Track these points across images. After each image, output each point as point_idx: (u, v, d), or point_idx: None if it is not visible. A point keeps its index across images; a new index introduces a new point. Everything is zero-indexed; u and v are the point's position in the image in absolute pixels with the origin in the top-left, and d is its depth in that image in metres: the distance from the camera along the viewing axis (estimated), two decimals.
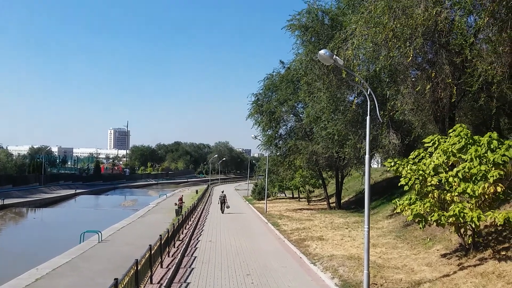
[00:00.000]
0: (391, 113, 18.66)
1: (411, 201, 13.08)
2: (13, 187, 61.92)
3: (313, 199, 45.59)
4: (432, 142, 13.47)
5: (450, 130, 13.11)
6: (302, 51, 25.20)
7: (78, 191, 72.39)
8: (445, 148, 12.65)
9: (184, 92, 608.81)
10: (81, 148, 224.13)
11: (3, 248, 27.82)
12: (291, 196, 55.97)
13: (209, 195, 60.98)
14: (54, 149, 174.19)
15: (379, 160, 52.49)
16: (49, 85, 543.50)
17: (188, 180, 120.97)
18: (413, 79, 18.20)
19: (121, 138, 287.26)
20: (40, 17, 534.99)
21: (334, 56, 11.39)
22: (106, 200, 68.11)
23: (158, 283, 12.20)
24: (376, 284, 11.74)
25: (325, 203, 37.88)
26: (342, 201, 37.04)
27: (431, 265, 13.29)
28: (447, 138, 13.18)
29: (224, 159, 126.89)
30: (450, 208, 11.73)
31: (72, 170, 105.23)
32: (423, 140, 13.93)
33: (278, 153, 37.74)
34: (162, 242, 14.67)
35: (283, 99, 34.65)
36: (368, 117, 11.48)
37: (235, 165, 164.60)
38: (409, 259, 14.71)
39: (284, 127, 37.80)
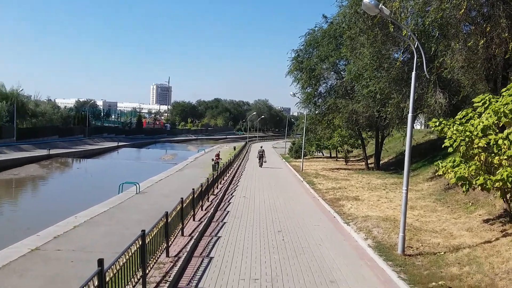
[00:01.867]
0: (439, 71, 17.45)
1: (455, 163, 12.27)
2: (59, 138, 64.39)
3: (351, 159, 44.91)
4: (482, 101, 12.42)
5: (504, 89, 12.02)
6: (346, 3, 23.81)
7: (120, 143, 74.43)
8: (496, 108, 11.63)
9: (225, 49, 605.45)
10: (125, 103, 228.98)
11: (47, 196, 29.15)
12: (328, 155, 55.30)
13: (247, 151, 61.26)
14: (99, 103, 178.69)
15: (423, 121, 50.63)
16: (98, 43, 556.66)
17: (227, 136, 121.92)
18: (465, 34, 16.82)
19: (163, 93, 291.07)
20: None
21: (380, 5, 10.48)
22: (147, 154, 69.86)
23: (189, 235, 12.26)
24: (411, 247, 11.29)
25: (363, 163, 37.11)
26: (381, 162, 36.14)
27: (472, 230, 12.65)
28: (499, 98, 12.14)
29: (263, 116, 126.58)
30: (497, 172, 10.92)
31: (115, 124, 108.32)
32: (473, 100, 12.90)
33: (316, 112, 36.92)
34: (195, 196, 14.70)
35: (324, 56, 33.41)
36: (414, 73, 10.66)
37: (274, 123, 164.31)
38: (449, 223, 14.10)
39: (324, 85, 36.81)
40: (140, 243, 8.03)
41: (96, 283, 5.96)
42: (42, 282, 8.51)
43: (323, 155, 56.88)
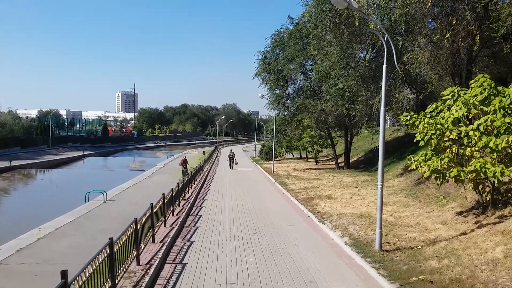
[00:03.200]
0: (406, 66, 17.57)
1: (426, 157, 12.30)
2: (21, 149, 61.93)
3: (321, 159, 45.03)
4: (451, 94, 12.51)
5: (472, 81, 12.13)
6: (312, 2, 23.75)
7: (86, 153, 72.29)
8: (465, 100, 11.73)
9: (191, 55, 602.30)
10: (90, 112, 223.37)
11: (8, 208, 27.78)
12: (298, 156, 55.39)
13: (217, 156, 60.66)
14: (63, 112, 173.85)
15: (389, 119, 51.52)
16: (59, 51, 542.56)
17: (196, 142, 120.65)
18: (430, 30, 17.03)
19: (129, 101, 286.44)
20: None
21: None
22: (114, 162, 68.15)
23: (160, 242, 11.75)
24: (388, 243, 11.17)
25: (333, 163, 37.26)
26: (351, 160, 36.36)
27: (446, 223, 12.68)
28: (467, 90, 12.25)
29: (231, 120, 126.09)
30: (470, 163, 10.95)
31: (80, 133, 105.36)
32: (442, 93, 12.98)
33: (286, 113, 36.84)
34: (166, 201, 14.18)
35: (291, 57, 33.36)
36: (384, 66, 10.56)
37: (243, 127, 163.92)
38: (422, 217, 14.12)
39: (292, 86, 36.76)
40: (108, 251, 7.53)
41: None
42: None
43: (294, 156, 56.95)
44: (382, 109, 10.68)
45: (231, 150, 44.16)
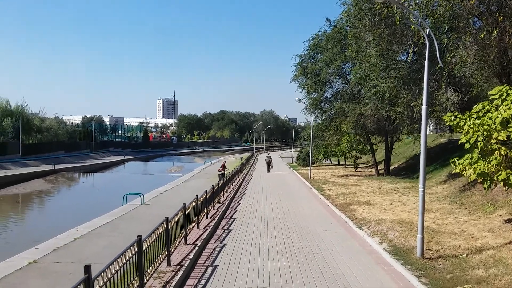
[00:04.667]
0: (450, 66, 16.75)
1: (472, 160, 11.51)
2: (65, 153, 64.12)
3: (360, 166, 43.95)
4: (499, 93, 11.70)
5: None
6: (350, 1, 23.15)
7: (126, 157, 74.00)
8: None
9: (230, 62, 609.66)
10: (131, 118, 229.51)
11: (50, 210, 28.61)
12: (337, 163, 54.43)
13: (254, 161, 60.57)
14: (106, 119, 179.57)
15: (431, 127, 49.73)
16: (105, 59, 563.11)
17: (234, 148, 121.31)
18: (475, 28, 16.16)
19: (169, 107, 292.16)
20: None
21: None
22: (154, 166, 69.37)
23: (193, 243, 11.58)
24: (431, 250, 10.51)
25: (373, 169, 36.24)
26: (391, 167, 35.24)
27: (494, 231, 11.84)
28: None
29: (269, 126, 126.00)
30: None
31: (122, 138, 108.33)
32: (489, 92, 12.16)
33: (323, 117, 36.19)
34: (200, 202, 14.04)
35: (329, 60, 32.74)
36: (426, 62, 9.98)
37: (281, 133, 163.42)
38: (468, 224, 13.28)
39: (330, 90, 36.14)
40: (137, 249, 7.38)
41: None
42: None
43: (331, 162, 56.03)
44: (424, 107, 10.11)
45: (268, 154, 45.07)
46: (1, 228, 21.38)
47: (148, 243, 8.15)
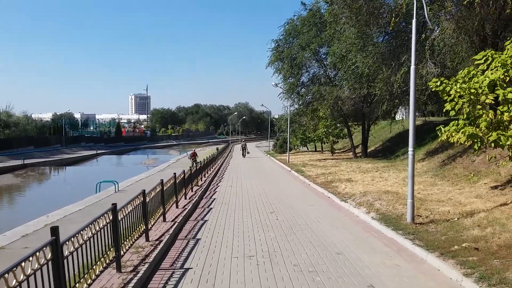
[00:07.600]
0: (430, 39, 16.48)
1: (458, 126, 11.21)
2: (35, 149, 61.86)
3: (336, 151, 43.91)
4: (484, 58, 11.42)
5: (508, 42, 11.04)
6: None
7: (99, 152, 71.96)
8: (503, 61, 10.63)
9: (202, 55, 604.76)
10: (103, 114, 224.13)
11: (20, 202, 27.34)
12: (313, 149, 54.33)
13: (230, 150, 59.91)
14: (77, 115, 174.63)
15: (404, 112, 50.09)
16: (72, 56, 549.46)
17: (209, 140, 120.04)
18: None
19: (142, 103, 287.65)
20: None
21: None
22: (128, 159, 67.73)
23: (172, 221, 10.91)
24: (420, 216, 10.16)
25: (350, 154, 36.18)
26: (368, 150, 35.21)
27: (482, 197, 11.63)
28: (501, 53, 11.15)
29: (244, 118, 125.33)
30: (511, 126, 9.89)
31: (94, 134, 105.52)
32: (474, 57, 11.85)
33: (300, 102, 35.78)
34: (178, 181, 13.37)
35: (305, 44, 32.28)
36: (414, 20, 9.58)
37: (256, 125, 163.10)
38: (454, 193, 13.07)
39: (306, 74, 35.66)
40: (111, 217, 6.72)
41: (49, 256, 4.65)
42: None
43: (308, 149, 55.91)
44: (412, 67, 9.73)
45: (243, 141, 44.17)
46: None
47: (124, 214, 7.51)
